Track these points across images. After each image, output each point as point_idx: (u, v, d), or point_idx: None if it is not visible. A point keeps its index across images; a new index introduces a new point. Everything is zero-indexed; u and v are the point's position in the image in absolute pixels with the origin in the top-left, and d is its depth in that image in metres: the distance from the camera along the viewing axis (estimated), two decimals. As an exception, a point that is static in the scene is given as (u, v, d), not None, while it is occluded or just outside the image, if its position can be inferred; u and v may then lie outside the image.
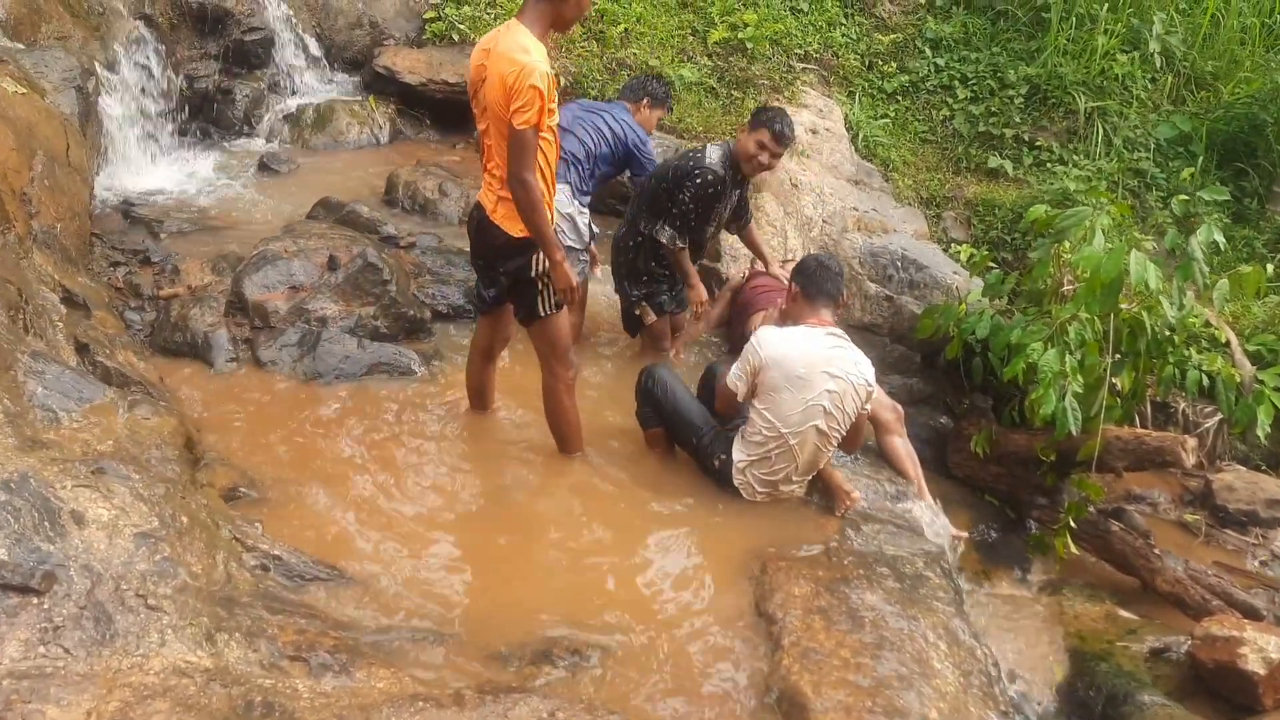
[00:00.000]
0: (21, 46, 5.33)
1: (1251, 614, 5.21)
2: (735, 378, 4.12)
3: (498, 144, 3.78)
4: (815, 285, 4.21)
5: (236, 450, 4.01)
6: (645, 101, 5.52)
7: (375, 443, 4.22)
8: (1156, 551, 5.52)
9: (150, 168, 6.17)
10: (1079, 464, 5.48)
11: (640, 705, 3.14)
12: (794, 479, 4.15)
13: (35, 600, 2.80)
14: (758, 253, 5.64)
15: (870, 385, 4.13)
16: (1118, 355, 5.54)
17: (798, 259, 4.89)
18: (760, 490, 4.18)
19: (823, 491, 4.28)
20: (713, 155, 5.04)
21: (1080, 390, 5.37)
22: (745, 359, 4.08)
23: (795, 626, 3.36)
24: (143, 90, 6.18)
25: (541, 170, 3.78)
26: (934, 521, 4.42)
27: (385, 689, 2.97)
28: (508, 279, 4.08)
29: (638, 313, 5.29)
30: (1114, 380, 5.62)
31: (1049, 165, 7.88)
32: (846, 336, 4.15)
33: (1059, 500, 5.81)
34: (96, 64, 5.69)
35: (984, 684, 3.36)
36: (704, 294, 5.25)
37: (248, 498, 3.78)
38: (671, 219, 5.05)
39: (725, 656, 3.35)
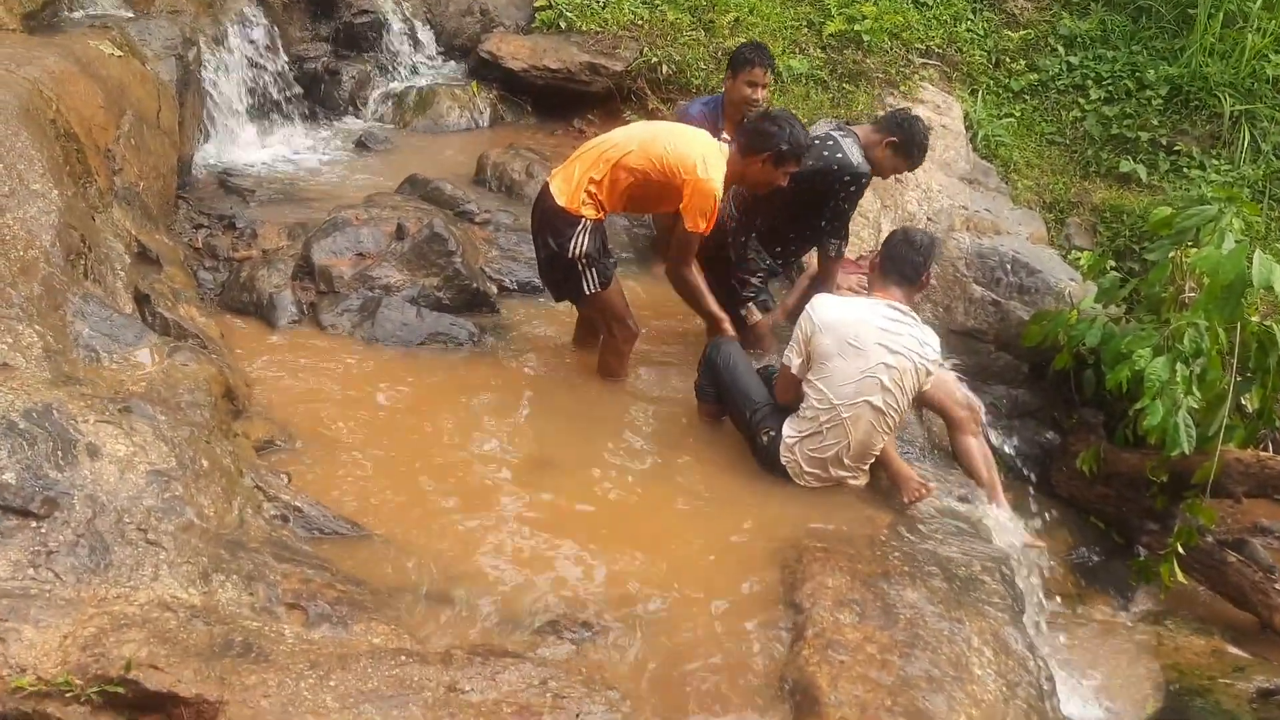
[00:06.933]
0: (130, 15, 5.52)
1: (1387, 662, 4.68)
2: (790, 351, 3.90)
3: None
4: (889, 259, 3.96)
5: (280, 405, 4.00)
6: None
7: (417, 408, 4.16)
8: (1279, 587, 5.02)
9: (253, 141, 6.28)
10: (1193, 487, 5.01)
11: (645, 684, 2.96)
12: (845, 460, 3.86)
13: (33, 524, 2.82)
14: None
15: (931, 367, 3.84)
16: (1247, 372, 5.08)
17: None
18: (808, 470, 3.90)
19: (890, 483, 3.98)
20: (855, 153, 4.61)
21: (1197, 406, 4.93)
22: (799, 327, 3.86)
23: (822, 618, 3.11)
24: (250, 66, 6.31)
25: None
26: (1005, 527, 4.07)
27: (380, 644, 2.87)
28: (547, 254, 4.33)
29: (744, 313, 4.88)
30: (1241, 399, 5.16)
31: (1186, 171, 7.30)
32: (915, 316, 3.86)
33: (1170, 526, 5.35)
34: (202, 38, 5.83)
35: (1031, 697, 3.04)
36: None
37: (282, 450, 3.77)
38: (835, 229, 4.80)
39: (744, 643, 3.12)
